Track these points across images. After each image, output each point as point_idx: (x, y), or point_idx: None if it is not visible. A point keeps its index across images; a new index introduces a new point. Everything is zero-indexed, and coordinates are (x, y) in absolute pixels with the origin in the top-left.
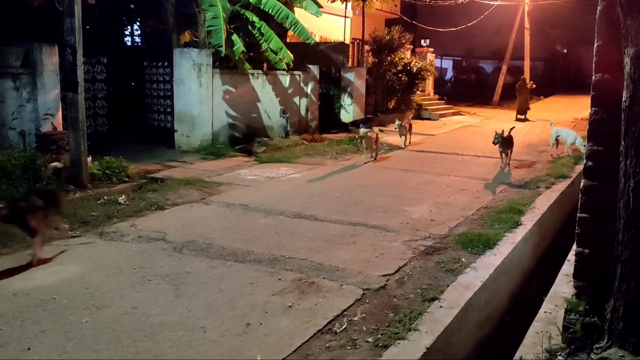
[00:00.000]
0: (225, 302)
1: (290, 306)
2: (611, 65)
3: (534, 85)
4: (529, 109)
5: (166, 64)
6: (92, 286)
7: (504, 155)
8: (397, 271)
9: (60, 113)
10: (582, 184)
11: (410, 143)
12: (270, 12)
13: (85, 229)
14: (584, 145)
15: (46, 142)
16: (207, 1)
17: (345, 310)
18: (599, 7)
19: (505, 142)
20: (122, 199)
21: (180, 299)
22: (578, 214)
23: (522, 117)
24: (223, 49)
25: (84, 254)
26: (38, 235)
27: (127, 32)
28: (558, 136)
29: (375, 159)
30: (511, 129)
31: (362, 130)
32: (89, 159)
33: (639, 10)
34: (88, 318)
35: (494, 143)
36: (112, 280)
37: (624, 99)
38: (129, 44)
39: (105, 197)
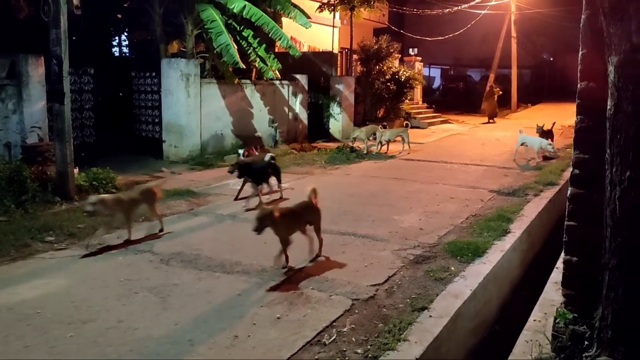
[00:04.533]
0: (213, 314)
1: (278, 318)
2: (596, 73)
3: (501, 92)
4: (496, 114)
5: (154, 74)
6: (77, 300)
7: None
8: (386, 281)
9: (46, 124)
10: (569, 192)
11: (408, 150)
12: (257, 23)
13: (72, 242)
14: (550, 145)
15: (32, 153)
16: (207, 16)
17: (334, 321)
18: (583, 16)
19: (545, 134)
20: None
21: (168, 311)
22: (566, 222)
23: (492, 121)
24: (240, 65)
25: (70, 267)
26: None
27: (114, 43)
28: (524, 143)
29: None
30: (553, 124)
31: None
32: (76, 170)
33: (622, 19)
34: (73, 332)
35: (537, 132)
36: (98, 294)
37: (608, 107)
38: (116, 54)
39: None
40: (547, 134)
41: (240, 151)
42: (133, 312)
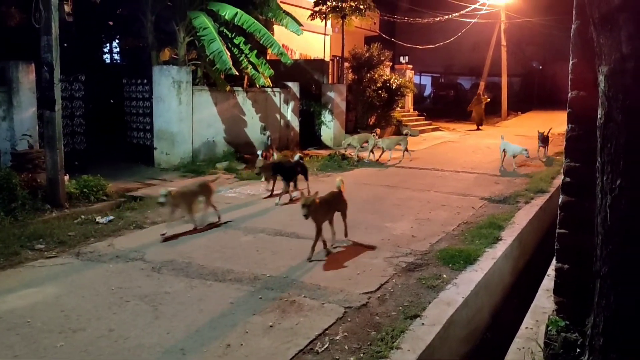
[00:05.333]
0: (205, 322)
1: (271, 326)
2: (586, 82)
3: (488, 99)
4: (483, 120)
5: (145, 81)
6: (67, 308)
7: (542, 149)
8: (378, 288)
9: (36, 131)
10: (560, 199)
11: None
12: (249, 30)
13: (62, 249)
14: (525, 151)
15: (22, 160)
16: (199, 23)
17: (326, 329)
18: (573, 26)
19: (544, 139)
20: (100, 217)
21: (159, 320)
22: (557, 230)
23: (479, 128)
24: (233, 71)
25: (60, 275)
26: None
27: (106, 50)
28: (504, 149)
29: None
30: (549, 129)
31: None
32: (66, 177)
33: (612, 29)
34: (63, 342)
35: (538, 138)
36: (88, 302)
37: (599, 116)
38: (108, 61)
39: (83, 217)
40: (546, 139)
41: (259, 152)
42: (124, 320)
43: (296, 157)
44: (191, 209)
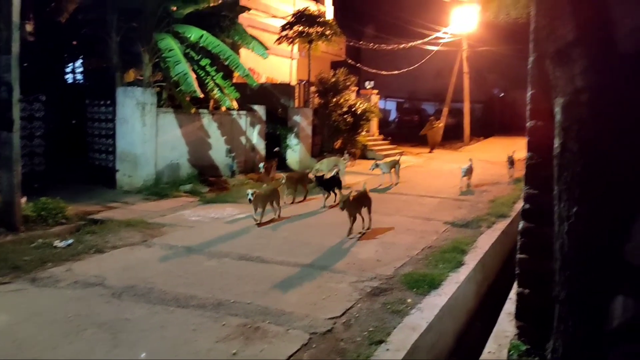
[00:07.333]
0: (166, 350)
1: (234, 353)
2: (544, 112)
3: (441, 124)
4: (437, 144)
5: (109, 102)
6: (20, 337)
7: (510, 170)
8: (344, 313)
9: None
10: (520, 225)
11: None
12: (214, 51)
13: (16, 275)
14: (468, 171)
15: None
16: (164, 45)
17: (291, 356)
18: (530, 58)
19: (512, 162)
20: (58, 241)
21: (118, 348)
22: (517, 255)
23: (432, 151)
24: (198, 93)
25: (14, 302)
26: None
27: (69, 70)
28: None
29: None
30: (513, 152)
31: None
32: (24, 199)
33: (567, 63)
34: None
35: (507, 161)
36: (43, 331)
37: (555, 145)
38: (71, 81)
39: (40, 240)
40: (513, 162)
41: (261, 165)
42: (81, 350)
43: (333, 173)
44: (265, 207)
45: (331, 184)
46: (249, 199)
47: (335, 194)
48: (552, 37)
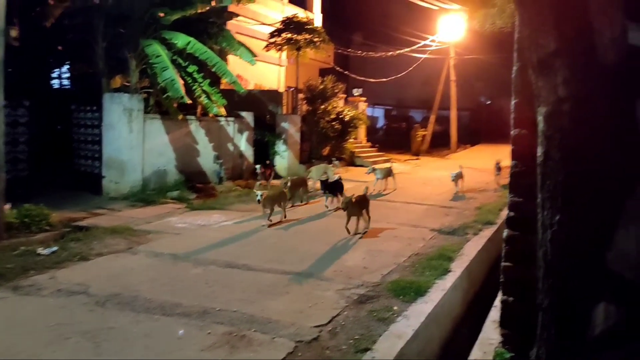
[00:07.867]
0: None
1: None
2: (528, 121)
3: (425, 132)
4: (420, 151)
5: (95, 108)
6: (1, 347)
7: (497, 176)
8: (330, 321)
9: None
10: (505, 233)
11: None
12: (201, 57)
13: None
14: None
15: None
16: (152, 51)
17: None
18: (514, 68)
19: (500, 168)
20: (41, 249)
21: (102, 357)
22: (502, 263)
23: (417, 157)
24: (186, 99)
25: None
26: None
27: (55, 75)
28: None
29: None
30: (499, 160)
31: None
32: (7, 206)
33: (549, 73)
34: None
35: (495, 167)
36: (24, 340)
37: (538, 154)
38: (56, 87)
39: (23, 248)
40: (500, 169)
41: (257, 166)
42: (63, 359)
43: (336, 177)
44: (273, 208)
45: (335, 187)
46: (258, 200)
47: (338, 197)
48: (534, 47)
